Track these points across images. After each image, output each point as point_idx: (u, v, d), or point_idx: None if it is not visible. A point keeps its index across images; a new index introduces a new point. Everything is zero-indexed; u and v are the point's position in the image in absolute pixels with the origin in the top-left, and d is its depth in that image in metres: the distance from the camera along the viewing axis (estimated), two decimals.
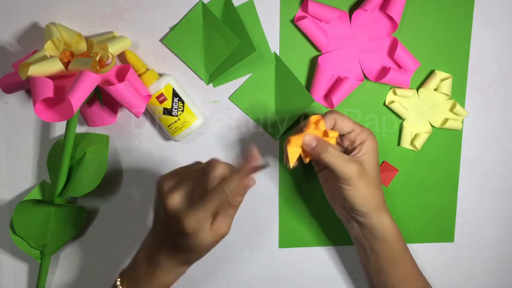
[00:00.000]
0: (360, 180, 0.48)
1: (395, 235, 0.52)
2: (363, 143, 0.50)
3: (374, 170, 0.50)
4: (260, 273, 0.61)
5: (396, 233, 0.52)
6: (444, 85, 0.57)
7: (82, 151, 0.55)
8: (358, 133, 0.50)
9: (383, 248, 0.52)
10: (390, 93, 0.58)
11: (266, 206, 0.60)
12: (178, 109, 0.54)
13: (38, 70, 0.45)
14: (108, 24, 0.54)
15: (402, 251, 0.53)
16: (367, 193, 0.49)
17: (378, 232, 0.51)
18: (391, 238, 0.52)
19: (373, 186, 0.50)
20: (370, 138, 0.50)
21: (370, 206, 0.50)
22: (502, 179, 0.62)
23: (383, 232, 0.51)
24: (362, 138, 0.50)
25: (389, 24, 0.55)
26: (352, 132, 0.50)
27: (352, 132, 0.50)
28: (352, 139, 0.51)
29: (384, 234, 0.51)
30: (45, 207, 0.55)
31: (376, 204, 0.50)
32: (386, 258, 0.52)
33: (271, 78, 0.57)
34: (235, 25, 0.53)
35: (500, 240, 0.63)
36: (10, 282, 0.60)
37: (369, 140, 0.50)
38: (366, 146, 0.50)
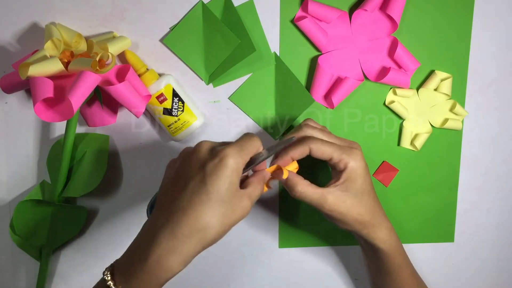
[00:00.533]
0: (338, 208, 0.47)
1: (390, 250, 0.51)
2: (343, 171, 0.47)
3: (364, 190, 0.48)
4: (260, 273, 0.61)
5: (394, 247, 0.51)
6: (444, 85, 0.57)
7: (82, 151, 0.55)
8: (336, 162, 0.47)
9: (379, 259, 0.52)
10: (390, 93, 0.58)
11: (266, 206, 0.60)
12: (178, 109, 0.54)
13: (38, 70, 0.45)
14: (108, 24, 0.54)
15: (400, 264, 0.52)
16: (351, 217, 0.48)
17: (371, 245, 0.51)
18: (385, 253, 0.51)
19: (358, 206, 0.48)
20: (350, 164, 0.47)
21: (359, 227, 0.49)
22: (502, 179, 0.62)
23: (378, 245, 0.50)
24: (341, 167, 0.47)
25: (389, 24, 0.55)
26: (331, 159, 0.47)
27: (331, 159, 0.47)
28: (332, 165, 0.48)
29: (380, 247, 0.50)
30: (45, 207, 0.55)
31: (364, 226, 0.49)
32: (382, 268, 0.52)
33: (271, 78, 0.57)
34: (235, 25, 0.53)
35: (500, 240, 0.63)
36: (10, 282, 0.60)
37: (348, 168, 0.47)
38: (345, 174, 0.47)
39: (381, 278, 0.53)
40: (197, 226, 0.39)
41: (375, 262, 0.53)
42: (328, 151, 0.47)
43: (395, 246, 0.51)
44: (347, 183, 0.47)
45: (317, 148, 0.47)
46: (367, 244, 0.51)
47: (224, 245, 0.60)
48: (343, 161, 0.47)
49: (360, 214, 0.48)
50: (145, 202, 0.59)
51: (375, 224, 0.50)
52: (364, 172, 0.48)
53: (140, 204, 0.59)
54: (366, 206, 0.49)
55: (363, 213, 0.48)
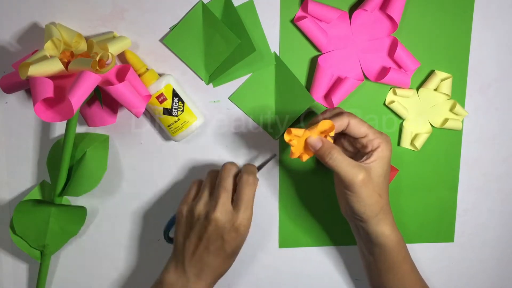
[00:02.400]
0: (363, 188, 0.48)
1: (394, 244, 0.51)
2: (374, 150, 0.49)
3: (380, 178, 0.49)
4: (260, 273, 0.61)
5: (396, 242, 0.51)
6: (444, 85, 0.57)
7: (82, 151, 0.55)
8: (371, 140, 0.49)
9: (381, 254, 0.52)
10: (390, 93, 0.58)
11: (266, 206, 0.60)
12: (178, 109, 0.54)
13: (38, 70, 0.45)
14: (108, 24, 0.54)
15: (401, 260, 0.52)
16: (369, 201, 0.48)
17: (376, 239, 0.51)
18: (390, 246, 0.51)
19: (377, 194, 0.49)
20: (383, 145, 0.49)
21: (371, 214, 0.49)
22: (502, 179, 0.62)
23: (382, 240, 0.51)
24: (374, 145, 0.49)
25: (389, 24, 0.55)
26: (364, 137, 0.49)
27: (364, 137, 0.49)
28: (364, 144, 0.49)
29: (383, 242, 0.51)
30: (45, 207, 0.55)
31: (377, 212, 0.49)
32: (384, 264, 0.52)
33: (271, 78, 0.57)
34: (235, 25, 0.53)
35: (500, 240, 0.63)
36: (10, 282, 0.60)
37: (381, 148, 0.49)
38: (376, 153, 0.49)
39: (381, 275, 0.53)
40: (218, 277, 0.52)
41: (376, 258, 0.53)
42: (365, 127, 0.49)
43: (398, 240, 0.52)
44: (377, 162, 0.49)
45: (356, 122, 0.49)
46: (370, 238, 0.51)
47: None
48: (377, 140, 0.49)
49: (380, 195, 0.49)
50: (145, 202, 0.59)
51: (382, 218, 0.50)
52: (390, 156, 0.50)
53: (140, 204, 0.59)
54: (386, 190, 0.50)
55: (383, 195, 0.49)
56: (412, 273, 0.54)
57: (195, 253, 0.50)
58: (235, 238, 0.50)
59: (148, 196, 0.58)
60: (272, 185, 0.59)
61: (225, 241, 0.50)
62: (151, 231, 0.59)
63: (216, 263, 0.50)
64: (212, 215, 0.49)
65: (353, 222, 0.53)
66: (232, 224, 0.49)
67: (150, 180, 0.58)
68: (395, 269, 0.52)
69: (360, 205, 0.49)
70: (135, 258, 0.60)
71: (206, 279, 0.50)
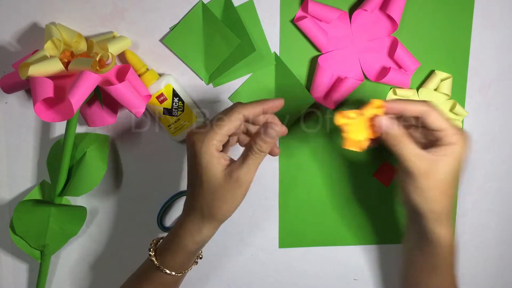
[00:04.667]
0: (425, 180, 0.45)
1: (447, 248, 0.49)
2: (449, 145, 0.45)
3: (447, 176, 0.46)
4: (260, 273, 0.61)
5: (448, 247, 0.49)
6: (444, 85, 0.57)
7: (82, 151, 0.55)
8: (449, 135, 0.45)
9: (431, 252, 0.50)
10: (390, 93, 0.58)
11: (266, 205, 0.60)
12: (178, 109, 0.54)
13: (38, 70, 0.45)
14: (108, 24, 0.54)
15: (449, 264, 0.51)
16: (429, 196, 0.46)
17: (431, 239, 0.49)
18: (442, 249, 0.49)
19: (439, 191, 0.46)
20: (460, 143, 0.45)
21: (428, 210, 0.47)
22: (502, 179, 0.62)
23: (436, 241, 0.49)
24: (452, 141, 0.45)
25: (389, 24, 0.55)
26: (442, 131, 0.46)
27: (442, 131, 0.46)
28: (440, 137, 0.46)
29: (437, 243, 0.49)
30: (45, 207, 0.55)
31: (437, 211, 0.47)
32: (431, 263, 0.51)
33: (271, 78, 0.57)
34: (235, 25, 0.53)
35: (500, 240, 0.63)
36: (10, 282, 0.60)
37: (457, 145, 0.45)
38: (451, 149, 0.45)
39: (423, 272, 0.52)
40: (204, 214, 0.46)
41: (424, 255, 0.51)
42: (445, 122, 0.45)
43: (451, 246, 0.50)
44: (448, 157, 0.45)
45: (437, 114, 0.45)
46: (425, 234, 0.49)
47: (224, 245, 0.60)
48: (456, 136, 0.45)
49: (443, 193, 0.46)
50: (145, 202, 0.59)
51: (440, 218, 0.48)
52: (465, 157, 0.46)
53: (140, 204, 0.59)
54: (451, 191, 0.47)
55: (447, 195, 0.47)
56: (453, 280, 0.52)
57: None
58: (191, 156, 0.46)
59: (148, 196, 0.58)
60: (272, 185, 0.59)
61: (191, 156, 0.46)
62: (151, 231, 0.59)
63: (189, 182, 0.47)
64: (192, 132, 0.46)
65: (411, 214, 0.51)
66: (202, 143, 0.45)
67: (150, 180, 0.58)
68: (439, 272, 0.51)
69: (419, 197, 0.46)
70: (135, 258, 0.60)
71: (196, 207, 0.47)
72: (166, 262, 0.48)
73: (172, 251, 0.48)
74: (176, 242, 0.48)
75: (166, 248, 0.48)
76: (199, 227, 0.47)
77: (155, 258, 0.49)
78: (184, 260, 0.48)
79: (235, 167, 0.45)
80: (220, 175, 0.45)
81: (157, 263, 0.48)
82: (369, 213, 0.61)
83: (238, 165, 0.45)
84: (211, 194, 0.45)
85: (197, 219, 0.47)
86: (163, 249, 0.49)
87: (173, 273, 0.48)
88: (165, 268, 0.48)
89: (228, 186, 0.45)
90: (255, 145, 0.45)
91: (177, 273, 0.49)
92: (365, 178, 0.60)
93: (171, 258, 0.48)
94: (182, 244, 0.47)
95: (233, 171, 0.44)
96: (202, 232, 0.47)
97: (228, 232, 0.59)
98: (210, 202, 0.45)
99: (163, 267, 0.48)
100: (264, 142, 0.45)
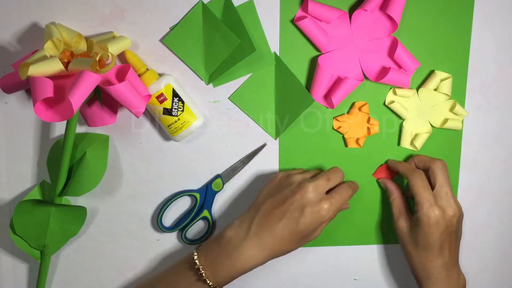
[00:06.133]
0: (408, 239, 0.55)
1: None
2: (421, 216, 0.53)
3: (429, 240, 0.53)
4: (260, 273, 0.61)
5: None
6: (444, 85, 0.57)
7: (82, 151, 0.55)
8: (420, 206, 0.53)
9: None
10: (390, 93, 0.58)
11: None
12: (178, 109, 0.54)
13: (38, 70, 0.45)
14: (108, 24, 0.54)
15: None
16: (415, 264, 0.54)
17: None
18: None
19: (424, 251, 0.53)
20: (433, 218, 0.52)
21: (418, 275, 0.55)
22: (502, 179, 0.62)
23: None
24: (422, 212, 0.53)
25: (389, 24, 0.55)
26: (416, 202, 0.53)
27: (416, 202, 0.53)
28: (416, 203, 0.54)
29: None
30: (45, 207, 0.55)
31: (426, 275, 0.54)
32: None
33: (271, 78, 0.57)
34: (235, 25, 0.53)
35: (500, 240, 0.63)
36: (10, 282, 0.60)
37: (430, 219, 0.52)
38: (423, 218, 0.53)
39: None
40: (276, 250, 0.51)
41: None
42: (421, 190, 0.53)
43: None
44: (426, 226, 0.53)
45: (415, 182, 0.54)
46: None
47: None
48: (429, 210, 0.52)
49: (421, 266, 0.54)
50: (145, 202, 0.59)
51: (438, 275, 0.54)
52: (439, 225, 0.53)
53: (140, 204, 0.59)
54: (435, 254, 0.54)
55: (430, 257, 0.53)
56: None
57: (270, 214, 0.51)
58: (312, 217, 0.50)
59: (148, 196, 0.58)
60: None
61: (303, 215, 0.50)
62: (151, 231, 0.59)
63: (282, 233, 0.50)
64: (306, 184, 0.51)
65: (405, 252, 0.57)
66: (318, 200, 0.50)
67: (150, 180, 0.58)
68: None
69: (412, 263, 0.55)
70: (135, 258, 0.60)
71: (263, 244, 0.50)
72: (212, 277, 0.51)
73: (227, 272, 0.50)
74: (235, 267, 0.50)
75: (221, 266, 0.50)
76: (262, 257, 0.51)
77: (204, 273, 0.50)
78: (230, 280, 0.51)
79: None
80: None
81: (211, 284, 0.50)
82: (369, 213, 0.61)
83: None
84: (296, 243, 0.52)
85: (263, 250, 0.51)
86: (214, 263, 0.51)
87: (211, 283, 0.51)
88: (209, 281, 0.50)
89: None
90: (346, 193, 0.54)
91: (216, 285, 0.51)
92: (365, 178, 0.60)
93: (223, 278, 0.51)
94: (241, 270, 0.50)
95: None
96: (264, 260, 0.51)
97: None
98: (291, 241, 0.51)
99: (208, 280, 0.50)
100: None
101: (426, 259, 0.53)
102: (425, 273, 0.54)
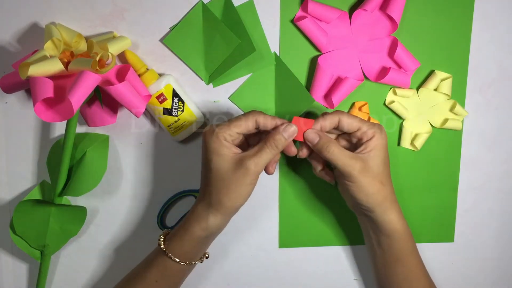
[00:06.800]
0: (363, 177, 0.49)
1: (402, 233, 0.52)
2: (369, 140, 0.49)
3: (380, 167, 0.50)
4: (260, 273, 0.61)
5: (404, 231, 0.52)
6: (444, 85, 0.57)
7: (82, 151, 0.55)
8: (364, 131, 0.50)
9: (389, 244, 0.52)
10: (390, 93, 0.58)
11: (266, 206, 0.60)
12: (178, 109, 0.54)
13: (38, 70, 0.45)
14: (108, 24, 0.54)
15: (409, 251, 0.53)
16: (371, 190, 0.49)
17: (384, 228, 0.52)
18: (398, 235, 0.52)
19: (378, 182, 0.49)
20: (378, 134, 0.49)
21: (374, 203, 0.50)
22: (502, 179, 0.62)
23: (390, 228, 0.51)
24: (369, 135, 0.49)
25: (389, 24, 0.55)
26: (358, 130, 0.50)
27: (358, 130, 0.50)
28: (359, 137, 0.50)
29: (391, 230, 0.52)
30: (45, 207, 0.55)
31: (381, 200, 0.50)
32: (392, 255, 0.53)
33: (271, 78, 0.57)
34: (235, 25, 0.53)
35: (500, 240, 0.63)
36: (10, 282, 0.60)
37: (376, 137, 0.49)
38: (372, 142, 0.49)
39: (389, 267, 0.54)
40: (212, 201, 0.48)
41: (384, 249, 0.53)
42: (357, 121, 0.49)
43: (406, 229, 0.52)
44: (374, 151, 0.49)
45: (347, 118, 0.49)
46: (378, 228, 0.52)
47: (224, 245, 0.60)
48: (371, 130, 0.49)
49: (382, 183, 0.50)
50: (145, 202, 0.59)
51: (387, 206, 0.51)
52: (386, 144, 0.51)
53: (140, 204, 0.59)
54: (388, 179, 0.51)
55: (385, 184, 0.50)
56: (419, 266, 0.54)
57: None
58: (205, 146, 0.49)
59: (148, 196, 0.58)
60: (272, 185, 0.59)
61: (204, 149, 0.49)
62: (151, 231, 0.59)
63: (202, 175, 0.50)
64: (208, 126, 0.49)
65: (361, 215, 0.53)
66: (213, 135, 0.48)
67: (150, 180, 0.58)
68: (403, 261, 0.53)
69: (362, 194, 0.49)
70: (135, 258, 0.60)
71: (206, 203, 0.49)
72: (173, 248, 0.50)
73: (179, 237, 0.50)
74: (184, 228, 0.50)
75: (174, 234, 0.51)
76: (206, 213, 0.49)
77: (162, 243, 0.50)
78: (190, 248, 0.50)
79: (247, 155, 0.47)
80: (229, 162, 0.47)
81: (163, 247, 0.50)
82: None
83: (250, 154, 0.47)
84: (219, 181, 0.48)
85: (205, 206, 0.49)
86: (171, 235, 0.51)
87: (176, 259, 0.50)
88: (170, 253, 0.50)
89: (237, 173, 0.47)
90: (273, 140, 0.48)
91: (182, 261, 0.50)
92: None
93: (178, 244, 0.50)
94: (190, 230, 0.49)
95: (243, 159, 0.47)
96: (208, 219, 0.49)
97: (228, 232, 0.59)
98: (218, 189, 0.48)
99: (169, 252, 0.50)
100: (281, 137, 0.48)
101: (380, 183, 0.50)
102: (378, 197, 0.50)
